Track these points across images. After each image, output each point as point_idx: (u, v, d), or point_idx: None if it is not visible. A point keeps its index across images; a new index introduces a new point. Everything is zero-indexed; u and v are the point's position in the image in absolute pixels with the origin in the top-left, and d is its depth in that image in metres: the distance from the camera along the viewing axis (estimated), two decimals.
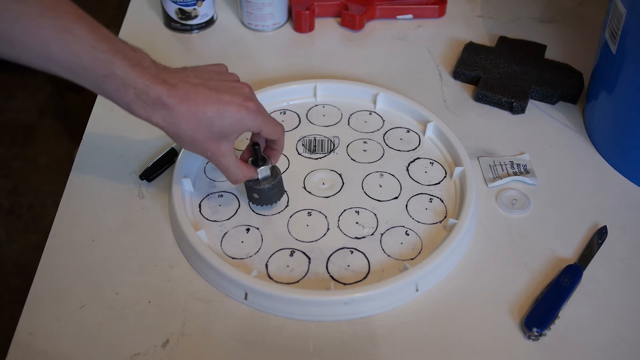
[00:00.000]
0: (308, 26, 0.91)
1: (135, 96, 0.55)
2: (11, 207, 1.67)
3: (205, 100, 0.57)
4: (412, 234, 0.65)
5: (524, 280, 0.61)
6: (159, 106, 0.55)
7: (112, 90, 0.55)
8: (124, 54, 0.54)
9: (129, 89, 0.54)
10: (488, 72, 0.82)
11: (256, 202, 0.66)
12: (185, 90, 0.56)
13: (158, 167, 0.70)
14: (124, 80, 0.54)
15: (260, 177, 0.64)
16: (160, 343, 0.56)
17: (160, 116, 0.56)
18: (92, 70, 0.53)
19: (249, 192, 0.65)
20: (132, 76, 0.54)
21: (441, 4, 0.94)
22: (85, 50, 0.52)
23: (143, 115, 0.56)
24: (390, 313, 0.59)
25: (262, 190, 0.64)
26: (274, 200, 0.66)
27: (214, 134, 0.58)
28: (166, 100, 0.55)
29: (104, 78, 0.54)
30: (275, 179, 0.64)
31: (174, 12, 0.89)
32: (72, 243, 0.64)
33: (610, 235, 0.65)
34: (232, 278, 0.58)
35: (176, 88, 0.56)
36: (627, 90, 0.69)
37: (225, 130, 0.58)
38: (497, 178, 0.70)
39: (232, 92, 0.58)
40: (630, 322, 0.59)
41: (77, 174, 0.70)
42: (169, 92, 0.55)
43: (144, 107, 0.56)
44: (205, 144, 0.58)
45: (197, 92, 0.57)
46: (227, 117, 0.57)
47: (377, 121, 0.77)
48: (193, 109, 0.56)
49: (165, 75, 0.56)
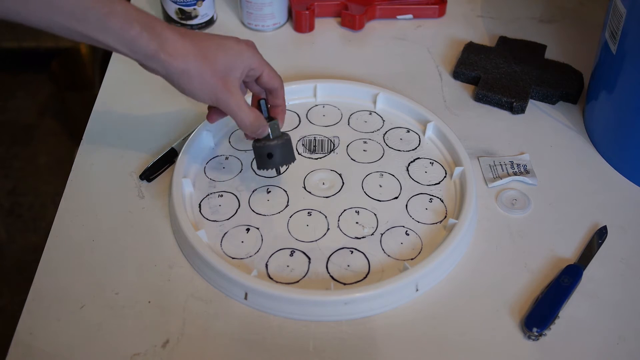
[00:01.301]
0: (308, 26, 0.91)
1: (141, 29, 0.55)
2: (11, 207, 1.67)
3: (207, 36, 0.60)
4: (412, 234, 0.65)
5: (524, 280, 0.61)
6: (164, 40, 0.56)
7: (117, 28, 0.55)
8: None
9: (133, 22, 0.55)
10: (488, 72, 0.82)
11: (269, 166, 0.65)
12: (185, 30, 0.59)
13: (158, 167, 0.70)
14: (126, 15, 0.55)
15: (272, 130, 0.64)
16: (160, 343, 0.56)
17: (167, 51, 0.56)
18: (93, 10, 0.54)
19: (259, 155, 0.65)
20: (134, 12, 0.55)
21: (441, 4, 0.94)
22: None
23: (151, 50, 0.56)
24: (390, 313, 0.59)
25: (277, 147, 0.64)
26: (288, 161, 0.66)
27: (219, 67, 0.59)
28: (170, 34, 0.56)
29: (107, 16, 0.54)
30: (285, 137, 0.65)
31: (174, 12, 0.89)
32: (72, 243, 0.64)
33: (610, 235, 0.65)
34: (232, 278, 0.58)
35: (178, 30, 0.58)
36: (627, 90, 0.69)
37: (228, 63, 0.59)
38: (497, 178, 0.70)
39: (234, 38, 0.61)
40: (630, 322, 0.59)
41: (77, 174, 0.70)
42: (171, 27, 0.57)
43: (150, 41, 0.56)
44: (214, 78, 0.59)
45: (199, 35, 0.59)
46: (228, 49, 0.59)
47: (377, 121, 0.77)
48: (196, 42, 0.58)
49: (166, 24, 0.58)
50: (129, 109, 0.78)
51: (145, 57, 0.57)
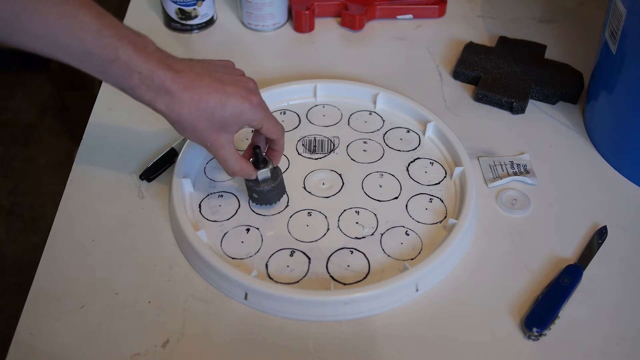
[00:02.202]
0: (308, 26, 0.91)
1: (140, 81, 0.55)
2: (11, 207, 1.67)
3: (209, 89, 0.57)
4: (412, 234, 0.65)
5: (524, 280, 0.61)
6: (162, 91, 0.56)
7: (118, 75, 0.55)
8: (129, 39, 0.55)
9: (133, 73, 0.55)
10: (488, 72, 0.82)
11: (256, 202, 0.66)
12: (190, 78, 0.57)
13: (158, 167, 0.70)
14: (129, 65, 0.54)
15: (260, 179, 0.64)
16: (160, 343, 0.56)
17: (163, 102, 0.57)
18: (97, 56, 0.54)
19: (249, 192, 0.66)
20: (137, 61, 0.55)
21: (441, 4, 0.94)
22: (90, 35, 0.53)
23: (147, 100, 0.57)
24: (390, 313, 0.59)
25: (262, 192, 0.64)
26: (273, 201, 0.66)
27: (215, 124, 0.58)
28: (170, 85, 0.56)
29: (109, 63, 0.54)
30: (275, 181, 0.64)
31: (174, 12, 0.89)
32: (72, 243, 0.64)
33: (610, 235, 0.65)
34: (232, 278, 0.58)
35: (181, 75, 0.56)
36: (627, 90, 0.69)
37: (226, 121, 0.59)
38: (497, 178, 0.70)
39: (237, 84, 0.59)
40: (630, 322, 0.59)
41: (77, 174, 0.70)
42: (173, 77, 0.56)
43: (148, 92, 0.56)
44: (206, 133, 0.59)
45: (202, 81, 0.57)
46: (229, 108, 0.58)
47: (377, 121, 0.77)
48: (196, 97, 0.57)
49: (170, 62, 0.57)
50: (129, 109, 0.78)
51: (143, 103, 0.57)
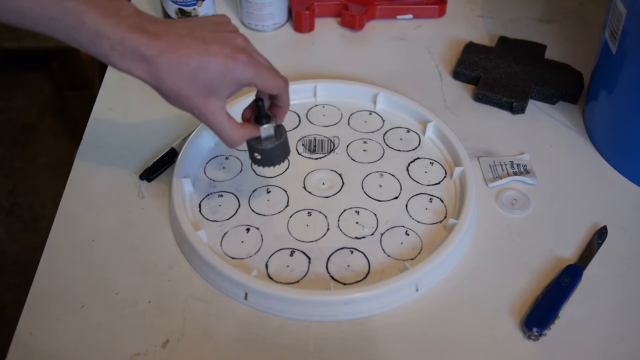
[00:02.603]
0: (308, 26, 0.91)
1: (111, 47, 0.52)
2: (11, 207, 1.67)
3: (188, 50, 0.53)
4: (412, 234, 0.65)
5: (524, 280, 0.61)
6: (137, 57, 0.52)
7: (86, 41, 0.52)
8: (97, 3, 0.51)
9: (102, 39, 0.51)
10: (488, 72, 0.82)
11: (258, 163, 0.63)
12: (168, 41, 0.53)
13: (158, 167, 0.70)
14: (96, 30, 0.51)
15: (263, 136, 0.60)
16: (160, 343, 0.56)
17: (141, 68, 0.53)
18: (61, 22, 0.51)
19: (250, 152, 0.62)
20: (105, 26, 0.51)
21: (441, 4, 0.94)
22: (52, 1, 0.50)
23: (123, 68, 0.53)
24: (390, 313, 0.59)
25: (265, 150, 0.61)
26: (277, 162, 0.63)
27: (200, 87, 0.54)
28: (144, 50, 0.52)
29: (75, 29, 0.51)
30: (279, 139, 0.61)
31: (173, 12, 0.89)
32: (72, 243, 0.64)
33: (610, 235, 0.65)
34: (232, 278, 0.58)
35: (157, 38, 0.52)
36: (627, 90, 0.69)
37: (211, 83, 0.54)
38: (497, 178, 0.70)
39: (221, 42, 0.54)
40: (630, 322, 0.59)
41: (77, 174, 0.70)
42: (148, 41, 0.52)
43: (121, 59, 0.52)
44: (192, 99, 0.55)
45: (181, 43, 0.53)
46: (211, 69, 0.53)
47: (377, 121, 0.77)
48: (175, 60, 0.53)
49: (147, 25, 0.53)
50: (129, 109, 0.78)
51: (121, 70, 0.54)
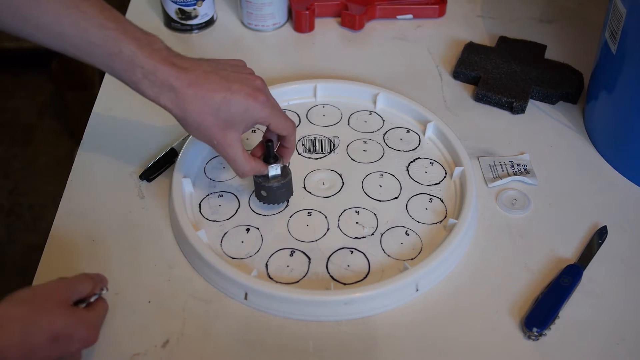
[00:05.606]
0: (308, 26, 0.91)
1: (143, 76, 0.56)
2: (11, 207, 1.67)
3: (214, 86, 0.58)
4: (412, 234, 0.65)
5: (524, 280, 0.61)
6: (166, 88, 0.57)
7: (121, 69, 0.56)
8: (134, 35, 0.56)
9: (136, 68, 0.56)
10: (488, 72, 0.82)
11: (263, 200, 0.65)
12: (195, 75, 0.57)
13: (158, 167, 0.70)
14: (132, 59, 0.56)
15: (270, 175, 0.63)
16: (160, 343, 0.56)
17: (168, 98, 0.57)
18: (100, 48, 0.55)
19: (257, 189, 0.65)
20: (140, 56, 0.56)
21: (441, 4, 0.94)
22: (94, 27, 0.55)
23: (151, 96, 0.58)
24: (390, 313, 0.59)
25: (271, 189, 0.64)
26: (281, 200, 0.66)
27: (220, 121, 0.58)
28: (173, 82, 0.57)
29: (113, 56, 0.56)
30: (284, 179, 0.64)
31: (174, 12, 0.89)
32: (72, 243, 0.64)
33: (610, 235, 0.65)
34: (232, 278, 0.58)
35: (186, 72, 0.57)
36: (627, 90, 0.69)
37: (232, 118, 0.58)
38: (497, 178, 0.70)
39: (243, 82, 0.59)
40: (630, 322, 0.59)
41: (77, 174, 0.70)
42: (177, 74, 0.57)
43: (151, 88, 0.57)
44: (211, 130, 0.59)
45: (207, 78, 0.58)
46: (233, 105, 0.58)
47: (377, 121, 0.77)
48: (200, 94, 0.57)
49: (176, 60, 0.58)
50: (129, 109, 0.78)
51: (148, 98, 0.58)
